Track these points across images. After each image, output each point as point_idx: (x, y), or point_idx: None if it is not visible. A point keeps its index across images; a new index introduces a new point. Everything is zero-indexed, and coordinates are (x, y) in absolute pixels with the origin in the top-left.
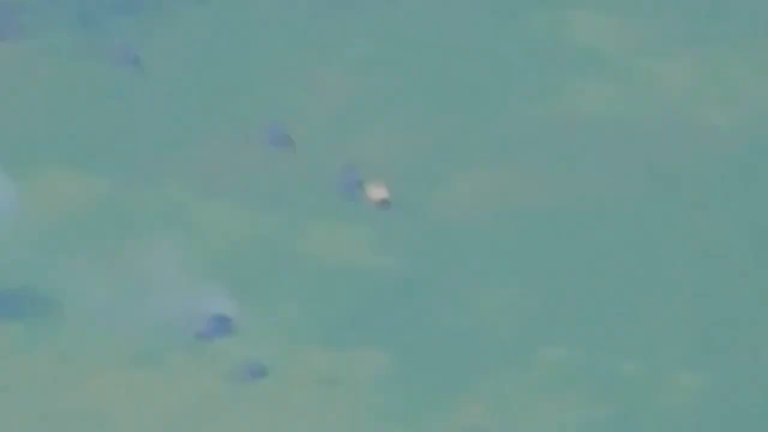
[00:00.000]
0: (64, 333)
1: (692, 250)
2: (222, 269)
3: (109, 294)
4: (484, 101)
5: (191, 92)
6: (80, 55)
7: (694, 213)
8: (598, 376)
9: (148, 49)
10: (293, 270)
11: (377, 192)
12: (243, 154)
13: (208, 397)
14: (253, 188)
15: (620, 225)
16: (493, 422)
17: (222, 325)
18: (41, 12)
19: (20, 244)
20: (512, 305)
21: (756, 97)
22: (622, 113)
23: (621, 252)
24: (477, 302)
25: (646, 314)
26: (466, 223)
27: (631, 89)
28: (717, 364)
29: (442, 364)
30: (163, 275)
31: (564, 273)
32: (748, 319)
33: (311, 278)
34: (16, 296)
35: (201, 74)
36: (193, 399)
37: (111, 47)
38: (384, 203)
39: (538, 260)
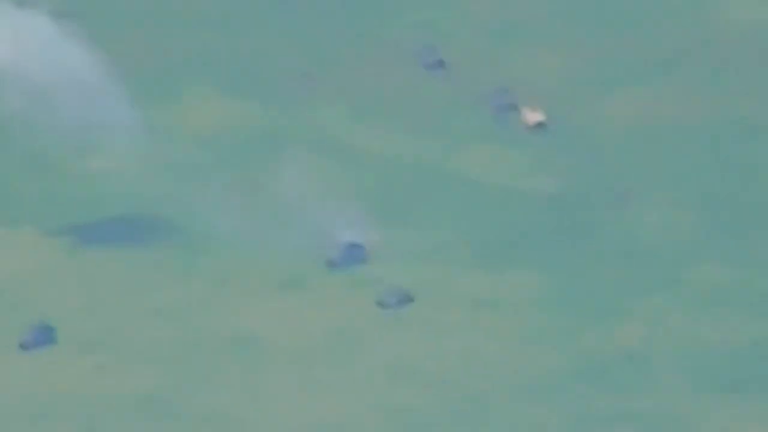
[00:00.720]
0: (209, 259)
1: None
2: (372, 192)
3: (253, 220)
4: (636, 19)
5: (343, 15)
6: None
7: None
8: (757, 293)
9: None
10: (445, 192)
11: (533, 115)
12: (394, 76)
13: (358, 321)
14: (405, 111)
15: None
16: (651, 343)
17: (355, 252)
18: None
19: (158, 172)
20: (669, 224)
21: None
22: None
23: None
24: (633, 221)
25: None
26: (620, 143)
27: None
28: None
29: (599, 285)
30: (307, 200)
31: (721, 189)
32: None
33: (464, 201)
34: (159, 223)
35: None
36: (345, 323)
37: None
38: (539, 126)
39: (695, 178)
